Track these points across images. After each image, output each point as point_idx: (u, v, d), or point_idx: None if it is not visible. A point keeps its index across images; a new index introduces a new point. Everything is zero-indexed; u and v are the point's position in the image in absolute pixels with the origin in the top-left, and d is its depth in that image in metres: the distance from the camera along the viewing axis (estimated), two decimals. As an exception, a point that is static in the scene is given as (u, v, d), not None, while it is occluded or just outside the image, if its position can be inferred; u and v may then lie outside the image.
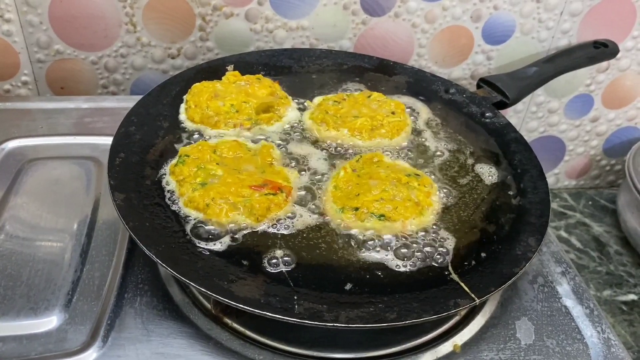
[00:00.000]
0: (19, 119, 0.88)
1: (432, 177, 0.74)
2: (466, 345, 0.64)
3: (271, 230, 0.64)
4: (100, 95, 0.99)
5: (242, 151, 0.73)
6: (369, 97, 0.84)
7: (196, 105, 0.78)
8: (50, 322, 0.61)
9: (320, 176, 0.72)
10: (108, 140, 0.74)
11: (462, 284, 0.60)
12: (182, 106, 0.79)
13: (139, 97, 0.80)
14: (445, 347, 0.64)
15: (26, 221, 0.71)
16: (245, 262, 0.61)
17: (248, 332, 0.62)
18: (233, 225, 0.64)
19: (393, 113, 0.80)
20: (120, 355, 0.59)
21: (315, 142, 0.77)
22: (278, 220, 0.65)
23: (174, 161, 0.70)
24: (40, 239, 0.70)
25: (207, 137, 0.75)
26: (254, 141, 0.76)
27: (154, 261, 0.64)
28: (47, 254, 0.68)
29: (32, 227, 0.71)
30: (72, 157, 0.82)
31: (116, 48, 0.95)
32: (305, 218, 0.66)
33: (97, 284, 0.65)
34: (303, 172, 0.72)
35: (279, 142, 0.77)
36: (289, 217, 0.66)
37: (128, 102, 0.80)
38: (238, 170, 0.69)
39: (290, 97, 0.83)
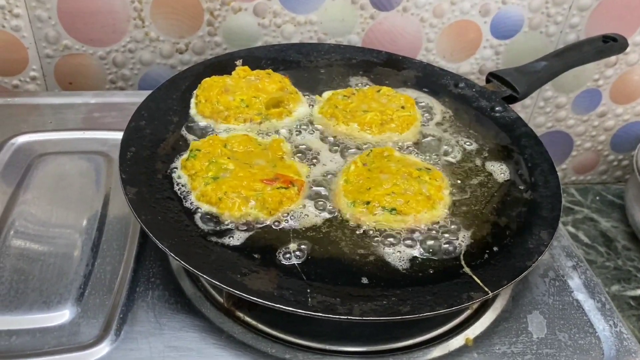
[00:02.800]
0: (28, 115, 0.88)
1: (443, 171, 0.73)
2: (478, 339, 0.64)
3: (283, 224, 0.64)
4: (109, 91, 0.99)
5: (253, 145, 0.73)
6: (379, 91, 0.83)
7: (206, 100, 0.77)
8: (62, 315, 0.61)
9: (330, 170, 0.72)
10: (117, 135, 0.74)
11: (475, 278, 0.60)
12: (192, 101, 0.79)
13: (147, 92, 0.80)
14: (457, 341, 0.64)
15: (37, 216, 0.71)
16: (257, 256, 0.60)
17: (260, 326, 0.62)
18: (245, 219, 0.64)
19: (403, 107, 0.80)
20: (133, 348, 0.59)
21: (325, 137, 0.77)
22: (290, 214, 0.65)
23: (185, 155, 0.70)
24: (51, 233, 0.70)
25: (218, 132, 0.75)
26: (264, 136, 0.76)
27: (165, 255, 0.65)
28: (59, 248, 0.68)
29: (43, 222, 0.71)
30: (81, 152, 0.82)
31: (124, 43, 0.95)
32: (317, 212, 0.66)
33: (109, 278, 0.65)
34: (313, 166, 0.72)
35: (289, 136, 0.76)
36: (300, 211, 0.66)
37: (136, 97, 0.80)
38: (249, 164, 0.69)
39: (300, 92, 0.83)
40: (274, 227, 0.64)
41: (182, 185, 0.67)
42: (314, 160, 0.73)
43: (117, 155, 0.69)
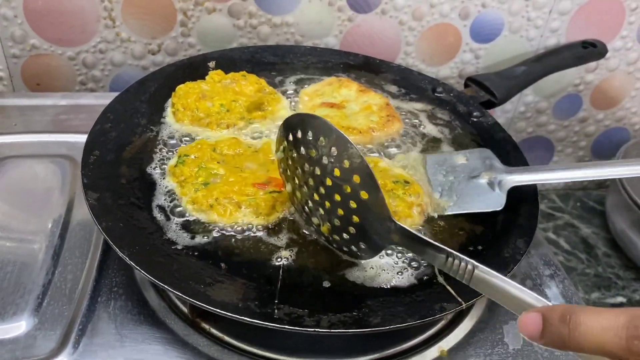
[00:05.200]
0: (-8, 116, 0.85)
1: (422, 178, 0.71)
2: (453, 350, 0.62)
3: (253, 232, 0.62)
4: (78, 92, 0.96)
5: (242, 148, 0.71)
6: (363, 99, 0.81)
7: (185, 108, 0.75)
8: (18, 327, 0.58)
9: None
10: (84, 138, 0.71)
11: (449, 287, 0.58)
12: (169, 110, 0.76)
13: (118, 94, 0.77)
14: (432, 353, 0.62)
15: (-4, 222, 0.69)
16: (223, 265, 0.58)
17: (227, 338, 0.60)
18: (237, 225, 0.62)
19: (388, 115, 0.78)
20: (92, 362, 0.57)
21: None
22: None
23: (173, 162, 0.68)
24: (10, 240, 0.67)
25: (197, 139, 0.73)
26: (252, 139, 0.74)
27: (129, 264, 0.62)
28: (17, 256, 0.65)
29: (2, 227, 0.68)
30: (47, 155, 0.79)
31: (94, 43, 0.92)
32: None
33: (70, 287, 0.63)
34: None
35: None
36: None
37: (106, 99, 0.78)
38: (240, 168, 0.67)
39: (278, 92, 0.81)
40: (241, 234, 0.62)
41: (171, 193, 0.65)
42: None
43: (81, 159, 0.67)
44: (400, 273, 0.60)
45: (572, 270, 1.06)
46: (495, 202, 0.68)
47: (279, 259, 0.60)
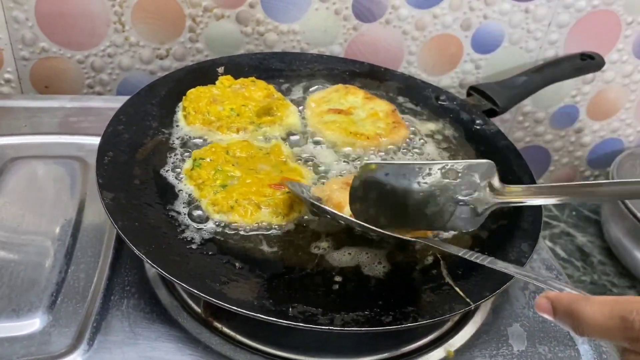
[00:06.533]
0: (1, 118, 0.86)
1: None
2: (459, 352, 0.64)
3: (268, 231, 0.63)
4: (86, 95, 0.97)
5: (254, 150, 0.72)
6: (369, 106, 0.83)
7: (196, 112, 0.76)
8: (33, 324, 0.59)
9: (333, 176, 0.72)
10: (93, 140, 0.73)
11: (457, 289, 0.60)
12: (180, 113, 0.78)
13: (126, 97, 0.78)
14: (438, 353, 0.63)
15: (8, 222, 0.69)
16: (238, 264, 0.59)
17: (239, 337, 0.61)
18: (256, 225, 0.63)
19: (394, 122, 0.80)
20: (107, 358, 0.57)
21: (320, 143, 0.77)
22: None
23: (188, 165, 0.69)
24: (22, 240, 0.67)
25: (209, 142, 0.74)
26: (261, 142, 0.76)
27: (141, 263, 0.64)
28: (30, 255, 0.65)
29: (15, 227, 0.68)
30: (56, 156, 0.80)
31: (103, 47, 0.93)
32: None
33: (83, 286, 0.63)
34: (317, 171, 0.72)
35: (286, 143, 0.76)
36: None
37: (114, 103, 0.79)
38: (254, 169, 0.69)
39: (286, 98, 0.83)
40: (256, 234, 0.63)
41: (187, 194, 0.66)
42: (315, 165, 0.73)
43: (93, 161, 0.67)
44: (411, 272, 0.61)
45: (568, 278, 1.08)
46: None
47: (292, 258, 0.61)
